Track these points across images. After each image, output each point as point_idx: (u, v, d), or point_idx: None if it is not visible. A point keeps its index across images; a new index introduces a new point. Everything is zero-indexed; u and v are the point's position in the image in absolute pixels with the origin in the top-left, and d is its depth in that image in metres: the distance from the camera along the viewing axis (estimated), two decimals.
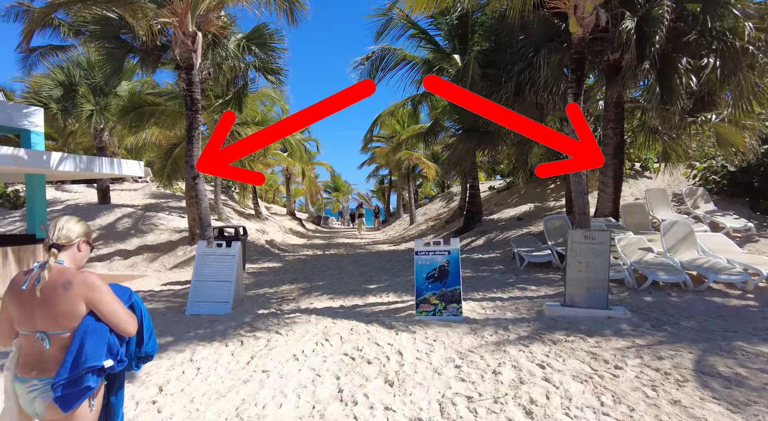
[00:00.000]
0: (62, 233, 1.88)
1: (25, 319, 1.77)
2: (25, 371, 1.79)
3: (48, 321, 1.75)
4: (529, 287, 7.35)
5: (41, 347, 1.76)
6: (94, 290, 1.80)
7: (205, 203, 8.16)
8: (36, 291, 1.74)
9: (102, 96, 14.40)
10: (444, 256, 6.00)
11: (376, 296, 7.25)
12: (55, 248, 1.85)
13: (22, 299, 1.77)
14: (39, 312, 1.75)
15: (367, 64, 11.78)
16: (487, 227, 12.70)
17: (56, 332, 1.76)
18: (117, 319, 1.84)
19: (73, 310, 1.76)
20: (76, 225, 1.95)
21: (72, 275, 1.80)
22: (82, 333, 1.76)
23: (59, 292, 1.75)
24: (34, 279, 1.77)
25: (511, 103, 8.96)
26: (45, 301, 1.75)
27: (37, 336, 1.75)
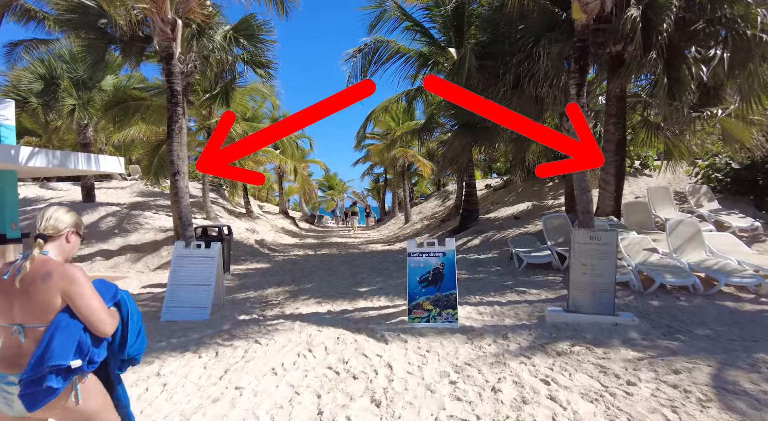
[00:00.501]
0: (50, 223, 1.81)
1: (5, 310, 1.71)
2: (4, 365, 1.71)
3: (25, 313, 1.69)
4: (528, 290, 6.94)
5: (18, 341, 1.69)
6: (73, 283, 1.71)
7: (186, 201, 7.71)
8: (15, 281, 1.68)
9: (85, 90, 13.87)
10: (438, 258, 5.58)
11: (366, 300, 6.82)
12: (41, 238, 1.77)
13: (2, 290, 1.71)
14: (18, 304, 1.69)
15: (359, 57, 11.33)
16: (484, 226, 12.30)
17: (33, 325, 1.69)
18: (92, 316, 1.73)
19: (49, 302, 1.68)
20: (65, 215, 1.87)
21: (53, 266, 1.72)
22: (53, 329, 1.67)
23: (38, 283, 1.68)
24: (16, 269, 1.71)
25: (509, 97, 8.56)
26: (24, 292, 1.68)
27: (14, 329, 1.69)
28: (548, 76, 7.65)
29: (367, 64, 11.45)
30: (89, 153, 10.29)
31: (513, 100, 8.55)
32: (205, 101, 13.54)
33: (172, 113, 7.59)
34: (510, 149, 12.41)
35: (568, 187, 10.52)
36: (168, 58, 7.58)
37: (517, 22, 8.41)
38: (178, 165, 7.62)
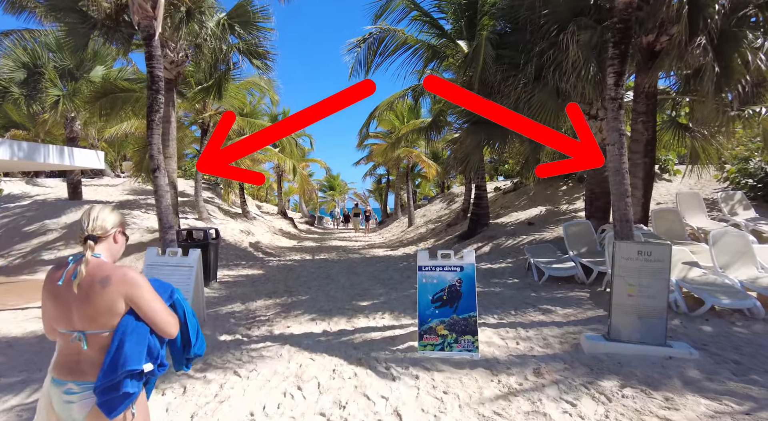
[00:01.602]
0: (97, 224, 1.74)
1: (62, 317, 1.65)
2: (61, 372, 1.65)
3: (85, 320, 1.63)
4: (553, 308, 6.07)
5: (78, 348, 1.63)
6: (134, 287, 1.66)
7: (167, 201, 6.84)
8: (73, 287, 1.60)
9: (71, 81, 13.02)
10: (455, 273, 4.71)
11: (368, 317, 5.95)
12: (91, 239, 1.70)
13: (58, 296, 1.65)
14: (76, 310, 1.62)
15: (363, 47, 10.46)
16: (495, 232, 11.43)
17: (94, 331, 1.63)
18: (157, 318, 1.70)
19: (112, 308, 1.63)
20: (110, 214, 1.80)
21: (110, 270, 1.66)
22: (121, 333, 1.63)
23: (97, 288, 1.61)
24: (71, 274, 1.63)
25: (530, 90, 7.70)
26: (82, 298, 1.61)
27: (75, 336, 1.63)
28: (576, 66, 6.78)
29: (371, 56, 10.59)
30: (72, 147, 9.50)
31: (534, 93, 7.68)
32: (197, 93, 12.68)
33: (152, 102, 6.74)
34: (524, 149, 11.53)
35: (589, 192, 9.65)
36: (148, 39, 6.72)
37: (541, 7, 7.56)
38: (159, 160, 6.76)
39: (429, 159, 20.65)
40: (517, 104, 7.90)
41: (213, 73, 12.19)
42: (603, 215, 9.51)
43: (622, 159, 5.48)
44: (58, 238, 11.39)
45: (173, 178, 10.67)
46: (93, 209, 1.80)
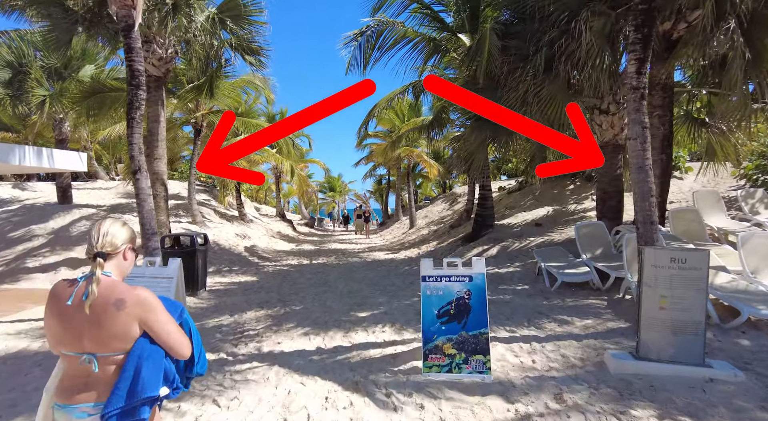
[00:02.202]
0: (107, 240, 1.64)
1: (71, 338, 1.53)
2: (67, 396, 1.55)
3: (97, 343, 1.53)
4: (570, 318, 5.55)
5: (88, 370, 1.54)
6: (150, 311, 1.58)
7: (149, 205, 6.35)
8: (85, 309, 1.50)
9: (59, 80, 12.54)
10: (463, 283, 4.19)
11: (367, 330, 5.44)
12: (100, 257, 1.60)
13: (67, 316, 1.53)
14: (87, 332, 1.52)
15: (360, 41, 9.94)
16: (501, 234, 10.91)
17: (106, 354, 1.54)
18: (172, 342, 1.63)
19: (126, 332, 1.54)
20: (120, 229, 1.70)
21: (124, 291, 1.56)
22: (136, 358, 1.55)
23: (111, 311, 1.52)
24: (81, 294, 1.53)
25: (539, 81, 7.17)
26: (94, 321, 1.51)
27: (84, 358, 1.53)
28: (590, 55, 6.26)
29: (369, 49, 10.08)
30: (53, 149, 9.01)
31: (544, 85, 7.15)
32: (189, 92, 12.18)
33: (133, 98, 6.23)
34: (530, 147, 11.00)
35: (600, 191, 9.12)
36: (127, 30, 6.22)
37: None
38: (140, 161, 6.26)
39: (430, 158, 20.13)
40: (526, 97, 7.38)
41: (205, 70, 11.71)
42: (615, 215, 8.98)
43: (646, 155, 4.96)
44: (43, 244, 10.89)
45: (163, 181, 10.19)
46: (103, 224, 1.69)
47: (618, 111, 8.82)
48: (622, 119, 8.87)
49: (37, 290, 8.60)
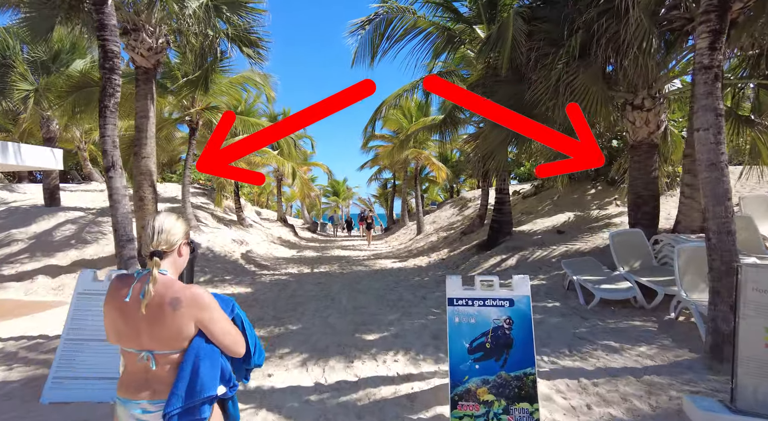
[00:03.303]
0: (163, 237, 1.61)
1: (129, 335, 1.55)
2: (128, 391, 1.57)
3: (155, 340, 1.53)
4: (618, 345, 4.63)
5: (146, 367, 1.55)
6: (205, 310, 1.56)
7: (124, 208, 5.49)
8: (141, 308, 1.51)
9: (45, 75, 11.75)
10: (502, 309, 3.30)
11: (376, 358, 4.53)
12: (157, 256, 1.58)
13: (125, 313, 1.54)
14: (145, 330, 1.53)
15: (368, 29, 9.08)
16: (520, 242, 9.98)
17: (164, 352, 1.55)
18: (227, 340, 1.63)
19: (182, 331, 1.54)
20: (176, 225, 1.66)
21: (180, 290, 1.55)
22: (194, 357, 1.55)
23: (167, 310, 1.51)
24: (138, 292, 1.54)
25: (572, 70, 6.29)
26: (151, 319, 1.52)
27: (142, 356, 1.55)
28: (637, 36, 5.36)
29: (377, 39, 9.21)
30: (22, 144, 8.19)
31: (578, 74, 6.25)
32: (183, 87, 11.38)
33: (106, 83, 5.37)
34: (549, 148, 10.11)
35: (634, 195, 8.18)
36: (99, 4, 5.37)
37: None
38: (113, 156, 5.41)
39: (438, 161, 19.26)
40: (557, 87, 6.49)
41: (201, 63, 10.91)
42: (651, 222, 8.05)
43: (720, 148, 4.05)
44: (22, 250, 10.06)
45: (152, 181, 9.34)
46: (157, 220, 1.65)
47: (654, 107, 7.92)
48: (658, 116, 7.97)
49: (7, 301, 7.74)
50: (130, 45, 9.00)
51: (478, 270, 9.18)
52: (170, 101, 12.96)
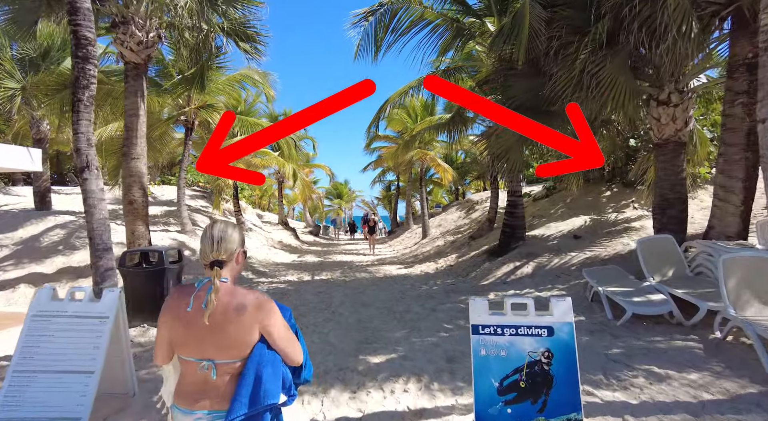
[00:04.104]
0: (223, 246, 1.61)
1: (191, 344, 1.54)
2: (188, 401, 1.56)
3: (218, 349, 1.53)
4: (662, 371, 4.00)
5: (206, 377, 1.54)
6: (270, 315, 1.58)
7: (100, 213, 4.92)
8: (204, 318, 1.50)
9: (35, 72, 11.23)
10: (539, 339, 2.69)
11: (383, 388, 3.92)
12: (217, 265, 1.58)
13: (187, 322, 1.54)
14: (208, 338, 1.52)
15: (372, 21, 8.50)
16: (534, 248, 9.36)
17: (225, 360, 1.54)
18: (288, 348, 1.64)
19: (246, 337, 1.54)
20: (233, 233, 1.66)
21: (244, 296, 1.57)
22: (256, 364, 1.55)
23: (232, 317, 1.53)
24: (200, 302, 1.54)
25: (599, 60, 5.68)
26: (215, 327, 1.52)
27: (204, 365, 1.54)
28: (675, 18, 4.76)
29: (381, 31, 8.64)
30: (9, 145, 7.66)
31: (605, 64, 5.64)
32: (177, 84, 10.84)
33: (80, 74, 4.82)
34: None
35: (660, 198, 7.56)
36: None
37: None
38: (88, 155, 4.85)
39: (443, 162, 18.65)
40: (581, 79, 5.88)
41: (196, 60, 10.37)
42: (679, 227, 7.43)
43: None
44: (7, 256, 9.52)
45: (142, 184, 8.80)
46: (215, 229, 1.63)
47: (681, 102, 7.32)
48: (685, 111, 7.37)
49: None
50: (118, 39, 8.48)
51: (491, 278, 8.56)
52: (168, 102, 12.43)
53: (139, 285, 5.60)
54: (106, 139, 12.95)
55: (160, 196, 17.85)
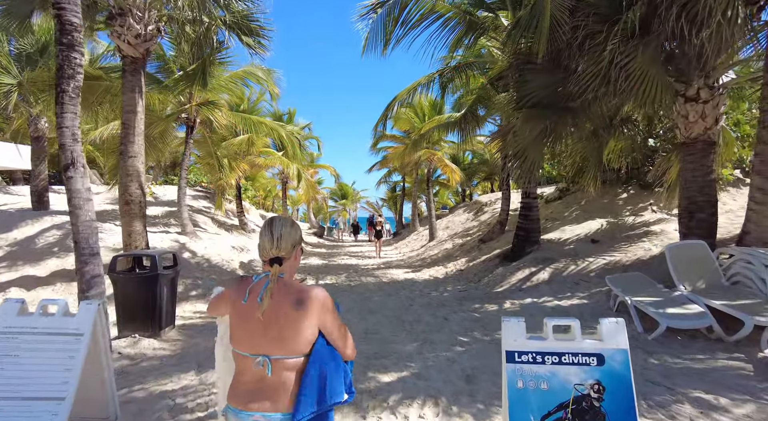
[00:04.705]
0: (282, 244, 1.58)
1: (245, 338, 1.50)
2: (241, 401, 1.48)
3: (274, 344, 1.47)
4: (713, 398, 3.54)
5: (261, 374, 1.48)
6: (328, 310, 1.53)
7: (86, 214, 4.53)
8: (258, 313, 1.47)
9: (32, 68, 10.90)
10: (588, 369, 2.25)
11: (396, 413, 3.48)
12: (276, 262, 1.56)
13: (243, 314, 1.52)
14: (261, 333, 1.48)
15: (381, 13, 8.06)
16: (550, 253, 8.88)
17: (281, 356, 1.47)
18: (346, 343, 1.60)
19: (305, 333, 1.48)
20: (291, 231, 1.62)
21: (302, 291, 1.52)
22: (318, 361, 1.48)
23: (290, 312, 1.48)
24: (255, 295, 1.51)
25: (629, 51, 5.23)
26: (270, 322, 1.47)
27: (259, 360, 1.47)
28: (721, 2, 4.30)
29: (390, 24, 8.21)
30: None
31: (635, 56, 5.18)
32: (178, 80, 10.46)
33: (63, 62, 4.42)
34: (582, 147, 9.06)
35: (687, 201, 7.08)
36: None
37: None
38: (73, 152, 4.46)
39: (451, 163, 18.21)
40: (608, 72, 5.42)
41: (198, 54, 10.00)
42: (708, 231, 6.95)
43: None
44: (0, 258, 9.16)
45: (140, 183, 8.44)
46: (274, 226, 1.60)
47: (711, 98, 6.86)
48: (716, 108, 6.90)
49: None
50: (115, 31, 8.12)
51: (505, 285, 8.11)
52: (171, 100, 12.05)
53: (130, 292, 5.19)
54: (107, 138, 12.63)
55: (162, 197, 17.50)
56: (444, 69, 10.46)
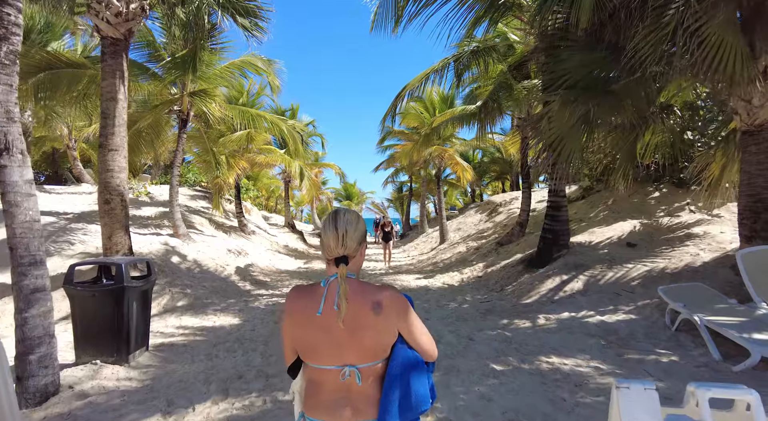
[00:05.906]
0: (348, 242, 1.40)
1: (327, 352, 1.36)
2: (326, 413, 1.36)
3: (359, 352, 1.35)
4: None
5: (347, 384, 1.36)
6: (407, 312, 1.40)
7: (26, 214, 3.60)
8: (338, 321, 1.32)
9: None
10: None
11: None
12: (343, 262, 1.38)
13: (319, 327, 1.34)
14: (346, 342, 1.34)
15: None
16: (581, 258, 7.88)
17: (368, 364, 1.36)
18: (426, 345, 1.43)
19: (386, 337, 1.37)
20: (357, 226, 1.44)
21: (377, 292, 1.37)
22: (401, 367, 1.36)
23: (368, 317, 1.33)
24: (331, 304, 1.34)
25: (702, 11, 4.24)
26: (352, 329, 1.33)
27: (345, 371, 1.35)
28: None
29: (403, 1, 7.30)
30: None
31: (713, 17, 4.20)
32: (169, 68, 9.57)
33: None
34: (615, 141, 8.08)
35: (749, 199, 6.07)
36: None
37: None
38: (7, 134, 3.52)
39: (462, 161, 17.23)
40: (673, 40, 4.43)
41: (189, 38, 9.11)
42: None
43: None
44: None
45: (122, 180, 7.57)
46: (339, 220, 1.41)
47: None
48: None
49: None
50: (93, 9, 7.27)
51: (534, 295, 7.12)
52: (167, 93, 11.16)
53: (90, 309, 4.26)
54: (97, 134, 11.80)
55: (158, 197, 16.65)
56: (460, 54, 9.49)
